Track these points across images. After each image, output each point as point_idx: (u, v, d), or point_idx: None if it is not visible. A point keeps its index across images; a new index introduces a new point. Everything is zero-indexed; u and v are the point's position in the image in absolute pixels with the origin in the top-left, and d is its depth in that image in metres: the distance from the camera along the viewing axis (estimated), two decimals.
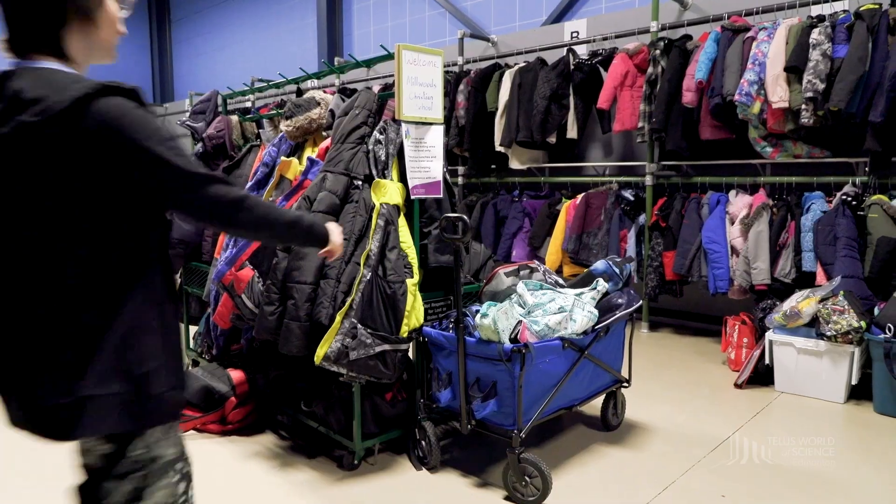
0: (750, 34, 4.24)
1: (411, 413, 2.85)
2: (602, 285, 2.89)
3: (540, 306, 2.65)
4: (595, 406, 3.15)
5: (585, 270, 3.09)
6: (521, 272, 2.94)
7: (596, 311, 2.73)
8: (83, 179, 1.18)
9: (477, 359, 2.52)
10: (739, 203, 4.42)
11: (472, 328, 2.61)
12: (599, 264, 3.03)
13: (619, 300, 2.88)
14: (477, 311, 2.65)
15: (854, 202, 3.86)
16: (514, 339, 2.50)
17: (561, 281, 3.04)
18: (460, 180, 6.35)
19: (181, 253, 3.89)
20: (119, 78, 1.23)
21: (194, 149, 4.07)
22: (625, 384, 3.10)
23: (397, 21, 8.65)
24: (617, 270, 2.98)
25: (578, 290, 2.86)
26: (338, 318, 2.46)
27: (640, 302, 2.94)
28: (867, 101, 3.73)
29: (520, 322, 2.53)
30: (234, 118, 4.09)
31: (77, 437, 1.26)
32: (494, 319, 2.43)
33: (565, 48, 5.50)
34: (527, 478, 2.44)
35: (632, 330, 3.10)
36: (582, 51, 5.55)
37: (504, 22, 7.44)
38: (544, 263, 5.40)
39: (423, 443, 2.70)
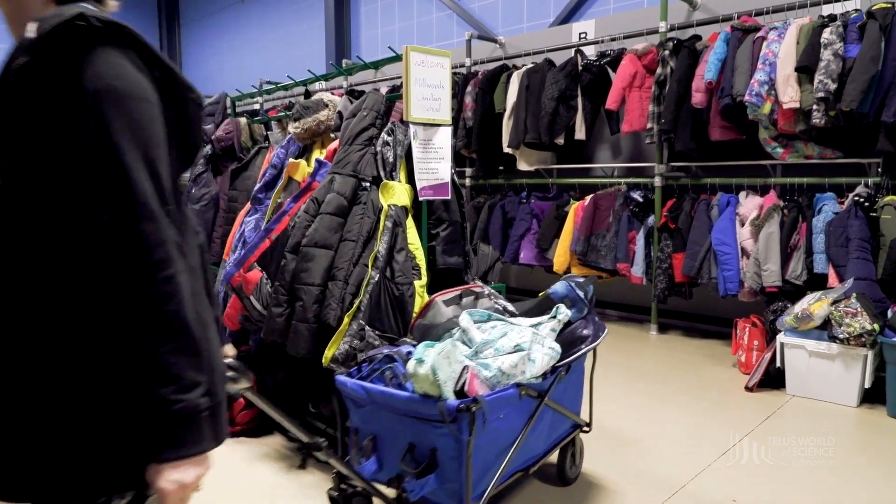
0: (760, 34, 4.21)
1: None
2: (564, 313, 2.37)
3: (490, 344, 2.12)
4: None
5: (542, 294, 2.56)
6: (465, 299, 2.43)
7: (558, 347, 2.20)
8: None
9: (410, 419, 1.93)
10: (750, 204, 4.39)
11: (403, 378, 2.02)
12: (559, 287, 2.50)
13: (585, 331, 2.36)
14: (409, 354, 2.04)
15: (867, 203, 3.81)
16: (459, 392, 1.91)
17: (511, 307, 2.56)
18: (468, 182, 6.33)
19: None
20: None
21: (203, 151, 4.08)
22: (585, 429, 2.61)
23: (405, 23, 8.66)
24: (581, 294, 2.46)
25: (535, 320, 2.35)
26: (346, 319, 2.45)
27: (606, 331, 2.43)
28: (879, 101, 3.69)
29: (466, 368, 1.95)
30: (243, 120, 4.10)
31: None
32: (434, 367, 1.82)
33: (573, 49, 5.48)
34: None
35: (593, 362, 2.59)
36: (590, 52, 5.53)
37: (511, 23, 7.43)
38: (552, 265, 5.41)
39: None
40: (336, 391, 2.15)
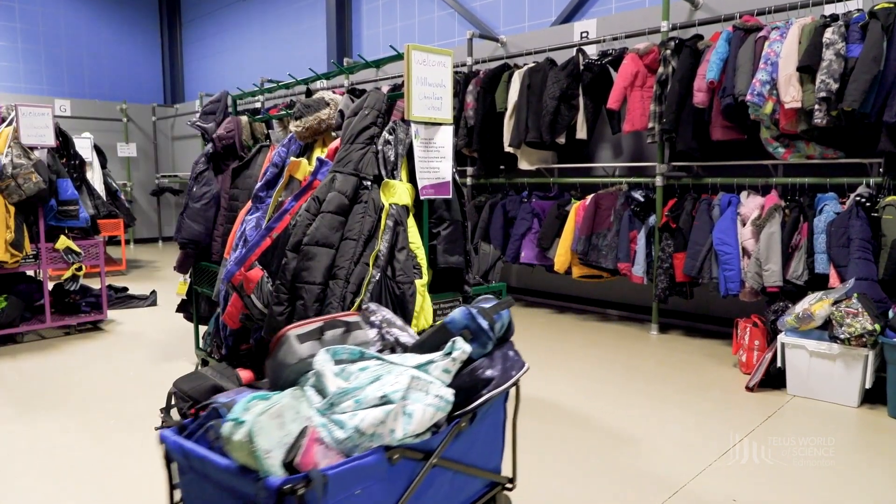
0: (762, 34, 4.21)
1: None
2: (460, 349, 1.83)
3: (351, 394, 1.60)
4: None
5: (438, 323, 2.06)
6: (328, 332, 1.90)
7: (449, 394, 1.74)
8: None
9: (233, 497, 1.49)
10: (751, 204, 4.39)
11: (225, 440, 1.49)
12: (457, 314, 1.93)
13: (489, 372, 1.87)
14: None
15: (868, 203, 3.81)
16: (291, 464, 1.45)
17: (407, 337, 2.03)
18: (469, 181, 6.33)
19: (191, 253, 3.90)
20: (130, 78, 1.21)
21: (204, 149, 4.08)
22: (507, 486, 2.14)
23: (406, 22, 8.65)
24: (485, 324, 1.91)
25: (425, 358, 1.82)
26: None
27: (525, 368, 1.95)
28: (881, 101, 3.69)
29: (304, 431, 1.48)
30: (244, 119, 4.10)
31: None
32: (251, 432, 1.37)
33: (575, 48, 5.48)
34: None
35: (516, 405, 2.13)
36: (592, 51, 5.53)
37: (513, 22, 7.42)
38: (553, 265, 5.41)
39: None
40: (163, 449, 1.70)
